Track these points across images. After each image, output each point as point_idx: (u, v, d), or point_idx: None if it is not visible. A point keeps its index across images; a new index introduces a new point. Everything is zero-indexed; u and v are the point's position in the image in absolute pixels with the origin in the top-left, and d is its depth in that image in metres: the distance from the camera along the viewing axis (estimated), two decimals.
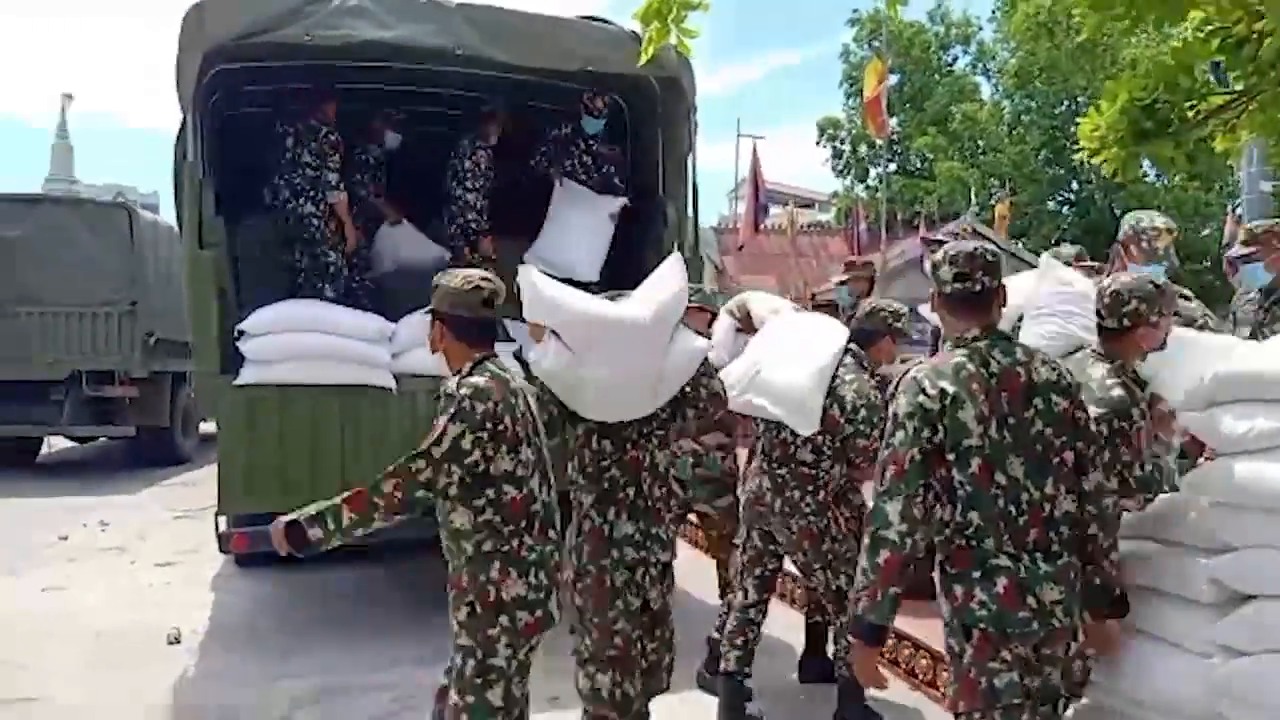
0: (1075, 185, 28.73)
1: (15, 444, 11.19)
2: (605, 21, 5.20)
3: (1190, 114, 2.89)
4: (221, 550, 5.34)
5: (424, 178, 6.09)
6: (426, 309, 2.80)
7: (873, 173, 28.57)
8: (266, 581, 6.13)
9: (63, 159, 31.13)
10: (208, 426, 10.74)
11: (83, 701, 4.22)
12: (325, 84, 5.59)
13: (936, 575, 2.40)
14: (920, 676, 4.39)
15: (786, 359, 3.77)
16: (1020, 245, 23.22)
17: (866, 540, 2.29)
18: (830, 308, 5.27)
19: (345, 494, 2.51)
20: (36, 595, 5.96)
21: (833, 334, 3.87)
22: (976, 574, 2.29)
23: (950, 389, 2.28)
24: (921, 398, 2.29)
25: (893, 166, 28.99)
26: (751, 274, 18.47)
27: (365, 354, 4.88)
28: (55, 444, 12.43)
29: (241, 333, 4.77)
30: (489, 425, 2.54)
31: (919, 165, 28.94)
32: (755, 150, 16.96)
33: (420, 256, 6.01)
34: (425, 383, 4.87)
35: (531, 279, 2.95)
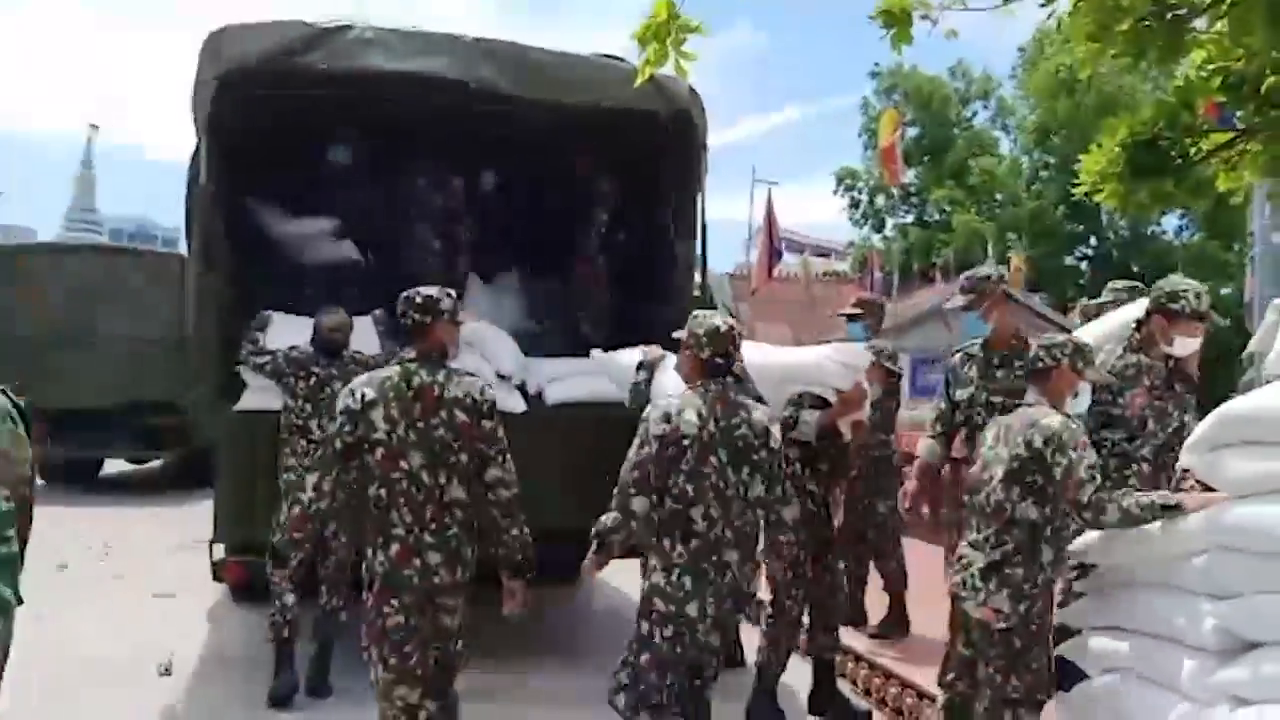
0: (1094, 241, 28.70)
1: (78, 465, 12.52)
2: (619, 59, 5.24)
3: (1191, 151, 2.86)
4: (215, 579, 5.29)
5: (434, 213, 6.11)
6: None
7: (889, 223, 28.69)
8: (262, 614, 6.05)
9: (86, 189, 31.84)
10: None
11: None
12: (338, 114, 5.64)
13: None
14: (907, 715, 4.38)
15: None
16: (1038, 299, 23.18)
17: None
18: None
19: None
20: (29, 620, 5.88)
21: None
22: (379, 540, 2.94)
23: (370, 394, 2.93)
24: (349, 399, 2.98)
25: (910, 218, 29.09)
26: (766, 321, 18.48)
27: None
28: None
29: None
30: None
31: (936, 217, 29.02)
32: (770, 196, 17.09)
33: None
34: None
35: None
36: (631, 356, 4.71)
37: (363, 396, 2.91)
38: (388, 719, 2.89)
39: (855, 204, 30.17)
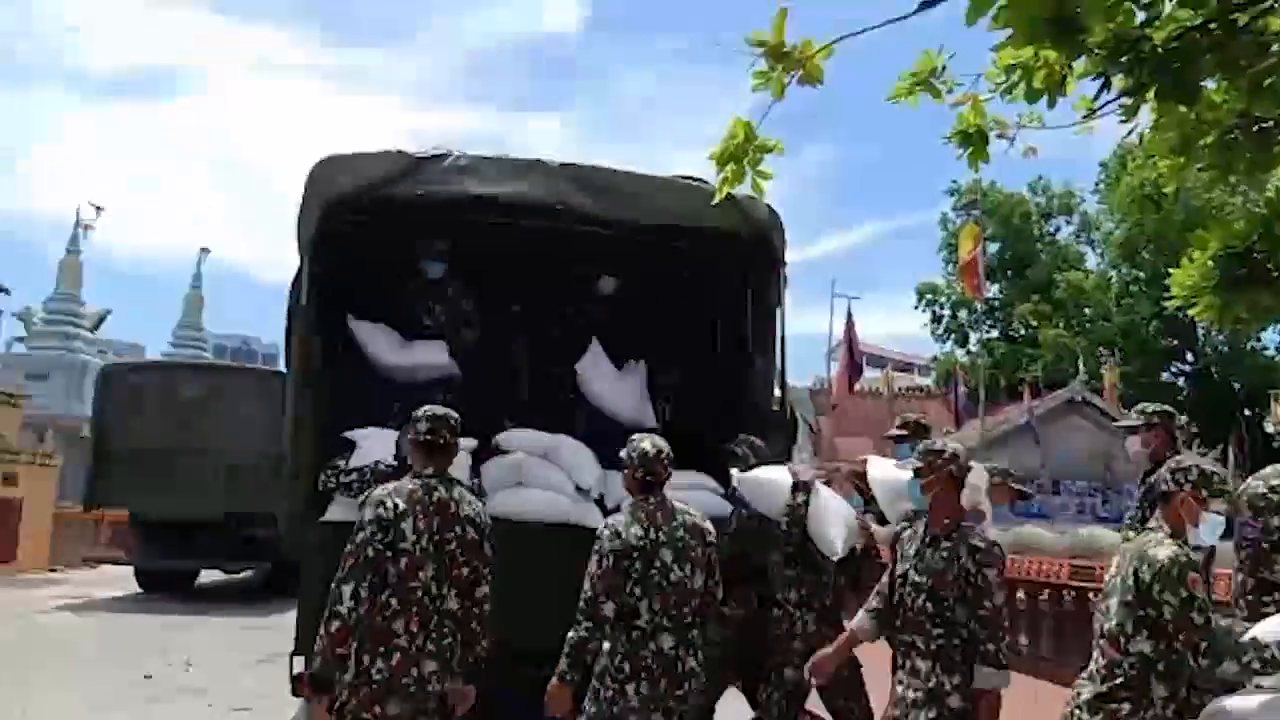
0: (1190, 357, 27.80)
1: (175, 574, 13.07)
2: (699, 180, 5.40)
3: None
4: (294, 693, 5.27)
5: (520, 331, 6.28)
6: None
7: (973, 338, 28.28)
8: None
9: (194, 309, 33.87)
10: None
11: None
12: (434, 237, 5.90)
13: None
14: None
15: None
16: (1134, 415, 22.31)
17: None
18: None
19: None
20: None
21: None
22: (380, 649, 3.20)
23: (402, 505, 3.23)
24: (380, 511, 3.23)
25: (994, 333, 28.67)
26: (846, 436, 18.18)
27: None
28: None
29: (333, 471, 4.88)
30: None
31: (1022, 332, 28.53)
32: (850, 310, 17.04)
33: None
34: (505, 526, 4.86)
35: None
36: (774, 474, 4.70)
37: (395, 506, 3.14)
38: None
39: (937, 319, 29.95)
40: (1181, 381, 27.73)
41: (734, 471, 4.90)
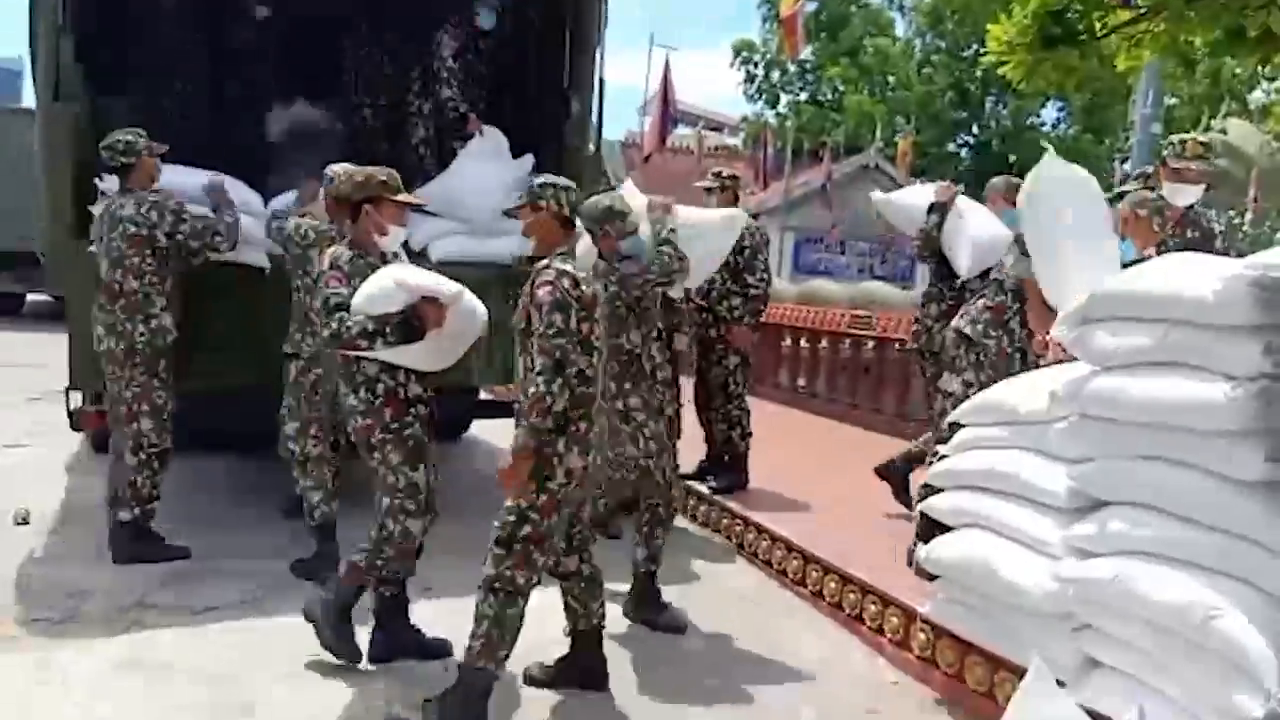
0: (976, 129, 29.32)
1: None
2: None
3: (1098, 25, 2.87)
4: (73, 428, 5.04)
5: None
6: None
7: (784, 100, 28.53)
8: None
9: None
10: None
11: None
12: None
13: None
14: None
15: None
16: (920, 184, 23.62)
17: None
18: None
19: None
20: None
21: None
22: None
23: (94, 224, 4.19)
24: None
25: (804, 95, 29.02)
26: (655, 193, 18.22)
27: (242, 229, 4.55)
28: None
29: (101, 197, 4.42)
30: None
31: (830, 96, 29.00)
32: (667, 62, 16.56)
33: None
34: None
35: None
36: (914, 195, 4.60)
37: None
38: None
39: (751, 78, 29.77)
40: (965, 153, 29.32)
41: (875, 193, 4.96)
